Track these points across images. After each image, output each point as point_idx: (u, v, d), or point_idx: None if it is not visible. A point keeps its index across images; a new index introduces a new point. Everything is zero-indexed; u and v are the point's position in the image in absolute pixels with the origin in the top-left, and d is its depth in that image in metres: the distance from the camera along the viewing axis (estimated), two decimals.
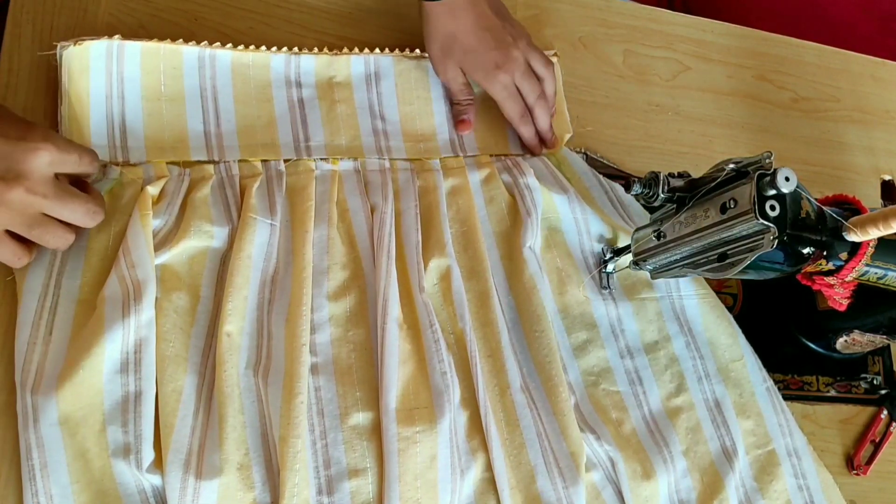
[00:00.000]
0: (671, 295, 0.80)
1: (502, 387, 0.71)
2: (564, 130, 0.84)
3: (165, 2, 0.78)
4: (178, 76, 0.74)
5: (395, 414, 0.66)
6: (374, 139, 0.78)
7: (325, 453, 0.65)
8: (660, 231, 0.70)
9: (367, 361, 0.69)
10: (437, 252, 0.73)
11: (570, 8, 0.92)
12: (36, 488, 0.59)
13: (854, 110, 1.00)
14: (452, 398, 0.67)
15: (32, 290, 0.64)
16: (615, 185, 0.83)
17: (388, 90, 0.80)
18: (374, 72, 0.80)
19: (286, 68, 0.78)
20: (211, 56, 0.76)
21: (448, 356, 0.69)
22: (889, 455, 0.83)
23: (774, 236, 0.61)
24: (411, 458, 0.64)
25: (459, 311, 0.72)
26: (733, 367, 0.78)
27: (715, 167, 0.66)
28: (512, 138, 0.83)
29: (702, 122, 0.92)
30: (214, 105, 0.75)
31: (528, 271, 0.75)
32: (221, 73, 0.76)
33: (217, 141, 0.74)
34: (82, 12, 0.75)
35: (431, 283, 0.73)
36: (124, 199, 0.69)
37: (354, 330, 0.70)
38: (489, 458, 0.67)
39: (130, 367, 0.62)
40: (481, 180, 0.79)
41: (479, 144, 0.82)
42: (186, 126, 0.73)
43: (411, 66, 0.82)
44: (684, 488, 0.73)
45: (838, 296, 0.71)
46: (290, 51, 0.78)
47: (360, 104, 0.79)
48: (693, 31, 0.96)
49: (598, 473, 0.71)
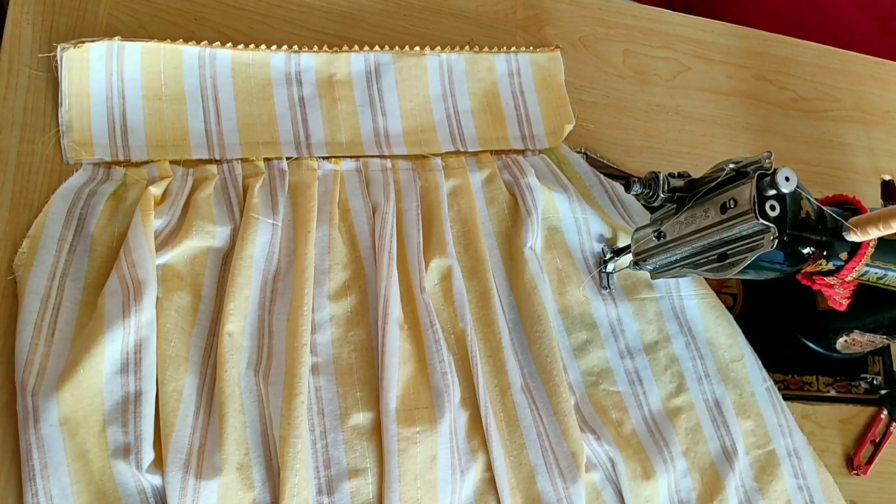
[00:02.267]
0: (671, 295, 0.80)
1: (503, 387, 0.71)
2: (566, 121, 0.84)
3: (165, 2, 0.78)
4: (179, 75, 0.74)
5: (396, 414, 0.66)
6: (374, 136, 0.78)
7: (325, 453, 0.65)
8: (660, 231, 0.70)
9: (368, 361, 0.69)
10: (439, 252, 0.73)
11: (570, 8, 0.92)
12: (36, 488, 0.59)
13: (854, 110, 1.00)
14: (453, 398, 0.67)
15: (35, 291, 0.64)
16: (616, 185, 0.83)
17: (389, 86, 0.80)
18: (374, 69, 0.80)
19: (286, 66, 0.78)
20: (211, 55, 0.76)
21: (448, 356, 0.69)
22: (889, 455, 0.83)
23: (774, 236, 0.61)
24: (411, 458, 0.64)
25: (460, 311, 0.72)
26: (733, 367, 0.78)
27: (715, 167, 0.66)
28: (512, 133, 0.83)
29: (702, 122, 0.92)
30: (215, 103, 0.75)
31: (528, 272, 0.75)
32: (222, 71, 0.76)
33: (218, 139, 0.74)
34: (82, 12, 0.75)
35: (432, 283, 0.73)
36: (129, 201, 0.69)
37: (355, 330, 0.70)
38: (489, 459, 0.67)
39: (130, 368, 0.62)
40: (482, 180, 0.79)
41: (479, 138, 0.81)
42: (187, 124, 0.74)
43: (411, 62, 0.82)
44: (684, 488, 0.73)
45: (838, 296, 0.71)
46: (291, 49, 0.78)
47: (360, 101, 0.79)
48: (693, 31, 0.96)
49: (598, 474, 0.71)
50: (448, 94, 0.82)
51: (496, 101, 0.83)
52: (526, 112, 0.84)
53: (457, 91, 0.82)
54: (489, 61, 0.84)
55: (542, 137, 0.83)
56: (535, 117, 0.84)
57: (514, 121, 0.83)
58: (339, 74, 0.79)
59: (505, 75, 0.84)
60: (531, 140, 0.83)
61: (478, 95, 0.83)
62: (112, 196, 0.69)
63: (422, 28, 0.86)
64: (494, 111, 0.83)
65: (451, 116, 0.82)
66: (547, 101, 0.85)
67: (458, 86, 0.83)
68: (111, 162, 0.71)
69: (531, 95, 0.84)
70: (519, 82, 0.85)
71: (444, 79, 0.82)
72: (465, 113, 0.82)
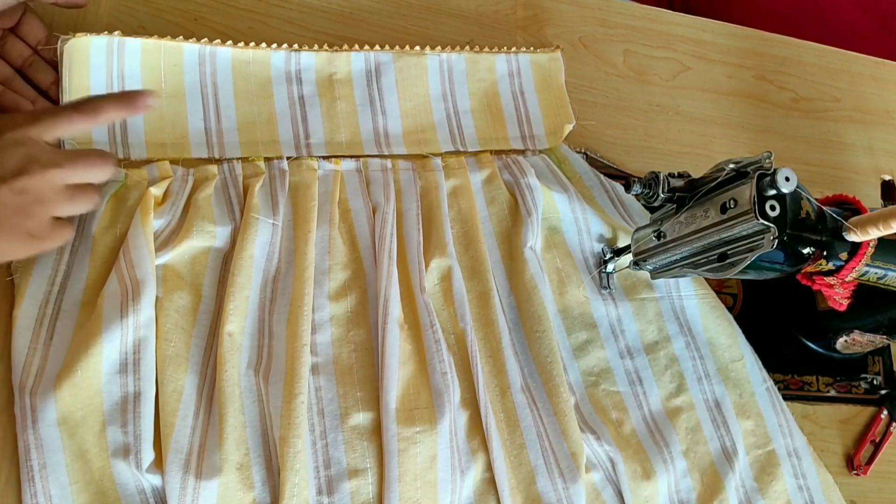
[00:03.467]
0: (671, 295, 0.80)
1: (503, 387, 0.71)
2: (566, 121, 0.84)
3: (165, 2, 0.78)
4: (179, 73, 0.74)
5: (396, 414, 0.66)
6: (373, 135, 0.78)
7: (325, 453, 0.65)
8: (660, 231, 0.70)
9: (368, 362, 0.69)
10: (439, 252, 0.73)
11: (570, 8, 0.92)
12: (35, 489, 0.59)
13: (854, 110, 1.00)
14: (453, 398, 0.67)
15: (34, 294, 0.64)
16: (615, 185, 0.83)
17: (389, 85, 0.80)
18: (374, 68, 0.80)
19: (286, 65, 0.78)
20: (211, 53, 0.75)
21: (448, 356, 0.69)
22: (889, 455, 0.83)
23: (774, 236, 0.61)
24: (411, 458, 0.64)
25: (460, 311, 0.72)
26: (733, 367, 0.78)
27: (715, 167, 0.66)
28: (512, 133, 0.83)
29: (702, 122, 0.92)
30: (215, 102, 0.75)
31: (529, 272, 0.75)
32: (222, 69, 0.76)
33: (217, 138, 0.74)
34: (82, 12, 0.75)
35: (433, 283, 0.73)
36: (130, 202, 0.69)
37: (355, 330, 0.70)
38: (489, 459, 0.67)
39: (129, 368, 0.62)
40: (483, 180, 0.79)
41: (479, 138, 0.81)
42: (187, 123, 0.73)
43: (411, 62, 0.82)
44: (684, 489, 0.72)
45: (838, 296, 0.71)
46: (291, 47, 0.78)
47: (360, 101, 0.79)
48: (693, 31, 0.96)
49: (598, 474, 0.71)
50: (448, 94, 0.82)
51: (496, 100, 0.83)
52: (526, 112, 0.84)
53: (457, 91, 0.82)
54: (489, 61, 0.84)
55: (542, 137, 0.83)
56: (535, 117, 0.84)
57: (515, 121, 0.83)
58: (339, 73, 0.79)
59: (505, 75, 0.84)
60: (531, 140, 0.83)
61: (478, 95, 0.83)
62: (113, 197, 0.69)
63: (422, 28, 0.86)
64: (494, 111, 0.83)
65: (451, 116, 0.82)
66: (547, 102, 0.85)
67: (459, 86, 0.83)
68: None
69: (531, 95, 0.84)
70: (519, 82, 0.85)
71: (445, 78, 0.82)
72: (465, 113, 0.82)
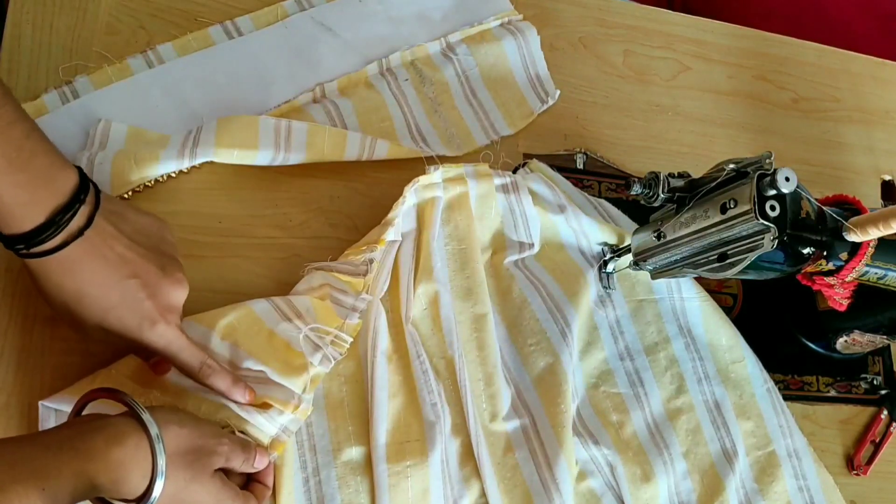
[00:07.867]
0: (671, 296, 0.79)
1: (494, 412, 0.69)
2: (526, 113, 0.83)
3: (165, 2, 0.78)
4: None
5: (386, 449, 0.65)
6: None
7: (318, 490, 0.64)
8: (660, 231, 0.70)
9: (359, 395, 0.67)
10: (425, 277, 0.71)
11: (570, 8, 0.92)
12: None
13: (854, 110, 1.00)
14: (444, 428, 0.67)
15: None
16: (603, 202, 0.81)
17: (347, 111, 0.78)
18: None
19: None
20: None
21: (437, 385, 0.68)
22: (889, 455, 0.83)
23: (774, 236, 0.61)
24: (403, 492, 0.64)
25: (448, 337, 0.70)
26: (733, 368, 0.78)
27: (715, 167, 0.66)
28: (476, 135, 0.82)
29: (702, 122, 0.92)
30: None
31: (517, 287, 0.74)
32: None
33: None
34: (82, 12, 0.74)
35: (420, 309, 0.71)
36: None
37: (344, 363, 0.68)
38: (483, 486, 0.67)
39: None
40: (477, 195, 0.76)
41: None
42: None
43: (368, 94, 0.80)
44: (684, 490, 0.72)
45: (838, 296, 0.70)
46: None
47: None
48: (693, 31, 0.96)
49: (596, 480, 0.71)
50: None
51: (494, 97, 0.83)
52: (481, 107, 0.83)
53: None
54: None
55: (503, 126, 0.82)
56: (491, 111, 0.83)
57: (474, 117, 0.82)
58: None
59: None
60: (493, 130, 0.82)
61: (475, 98, 0.82)
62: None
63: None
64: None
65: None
66: (499, 95, 0.83)
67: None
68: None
69: (483, 92, 0.84)
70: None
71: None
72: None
